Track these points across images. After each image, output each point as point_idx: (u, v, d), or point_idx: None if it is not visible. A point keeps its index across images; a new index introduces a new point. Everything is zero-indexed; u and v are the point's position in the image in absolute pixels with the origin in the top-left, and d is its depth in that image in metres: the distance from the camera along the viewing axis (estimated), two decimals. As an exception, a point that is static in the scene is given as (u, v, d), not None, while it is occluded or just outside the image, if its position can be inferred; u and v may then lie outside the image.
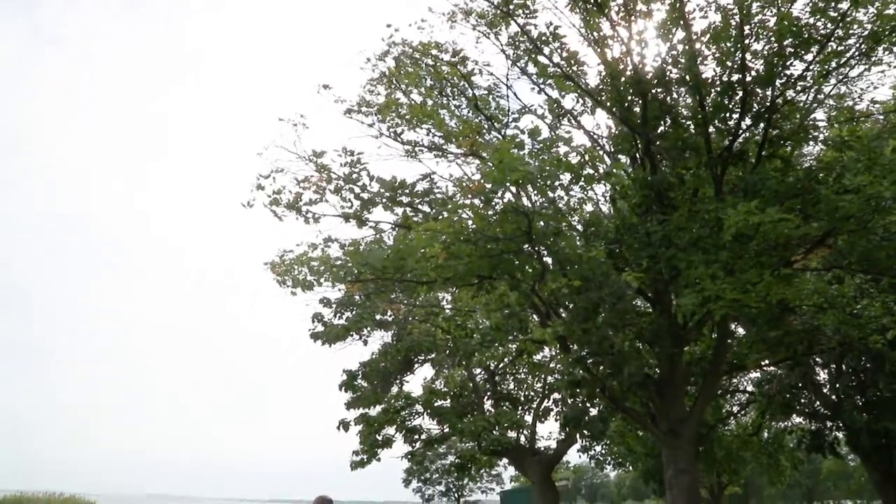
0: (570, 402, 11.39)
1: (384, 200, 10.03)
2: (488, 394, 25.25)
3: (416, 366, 24.28)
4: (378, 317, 20.18)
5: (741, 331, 16.79)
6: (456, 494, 37.82)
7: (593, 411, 12.66)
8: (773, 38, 9.70)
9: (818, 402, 20.97)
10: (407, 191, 9.86)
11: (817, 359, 18.20)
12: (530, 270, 9.03)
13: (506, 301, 9.85)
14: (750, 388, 24.43)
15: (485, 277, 9.22)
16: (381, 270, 9.35)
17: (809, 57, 9.90)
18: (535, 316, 11.05)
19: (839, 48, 9.82)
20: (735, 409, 25.99)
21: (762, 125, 10.11)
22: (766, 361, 15.28)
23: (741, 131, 10.16)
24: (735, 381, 23.22)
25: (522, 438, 26.45)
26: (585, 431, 11.97)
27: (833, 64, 10.07)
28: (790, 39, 9.58)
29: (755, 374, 21.94)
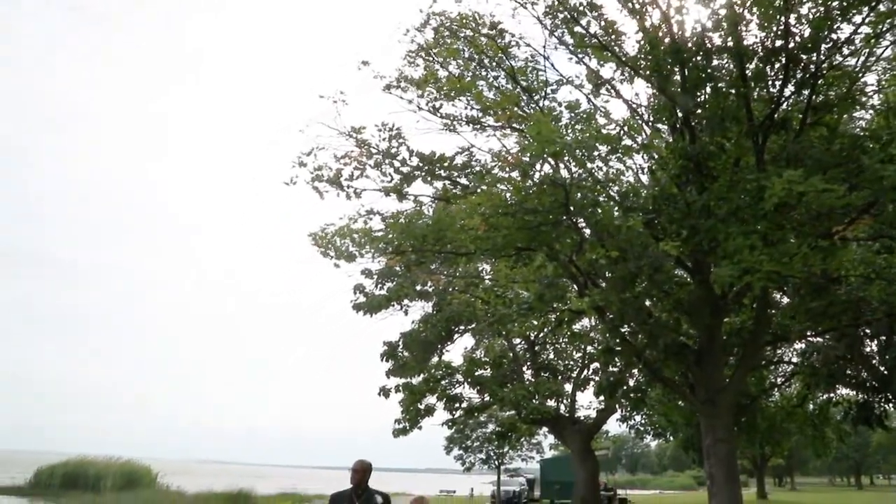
0: (606, 370, 11.47)
1: (423, 174, 10.18)
2: (528, 363, 25.55)
3: (457, 336, 24.64)
4: (418, 287, 20.51)
5: (785, 300, 16.59)
6: (496, 462, 38.29)
7: (631, 380, 12.77)
8: (819, 1, 9.43)
9: (866, 374, 20.61)
10: (446, 164, 9.98)
11: (866, 330, 17.85)
12: (568, 241, 9.10)
13: (544, 272, 9.94)
14: (795, 360, 24.12)
15: (523, 249, 9.33)
16: (421, 242, 9.54)
17: (859, 19, 9.59)
18: (573, 286, 11.14)
19: (894, 6, 9.47)
20: (779, 380, 25.71)
21: (806, 92, 9.89)
22: (810, 332, 15.10)
23: (784, 99, 9.95)
24: (780, 352, 22.93)
25: (562, 408, 26.74)
26: (623, 400, 12.05)
27: (886, 25, 9.74)
28: (838, 1, 9.31)
29: (800, 345, 21.66)
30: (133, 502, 28.88)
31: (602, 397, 13.48)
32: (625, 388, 11.56)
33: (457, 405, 23.70)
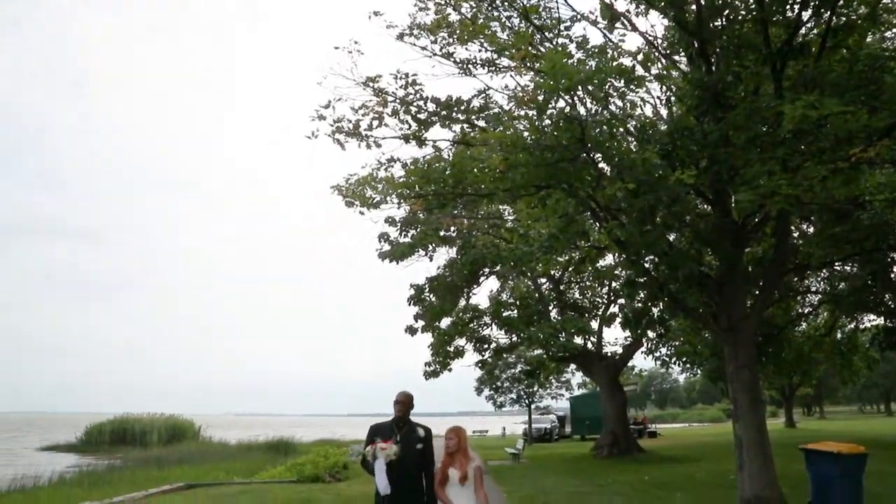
0: (630, 303, 11.72)
1: (441, 119, 10.30)
2: (554, 302, 25.96)
3: (482, 278, 25.10)
4: (442, 233, 20.81)
5: (806, 229, 16.59)
6: (527, 401, 39.16)
7: (655, 312, 13.01)
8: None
9: (892, 299, 20.61)
10: (463, 108, 10.08)
11: (892, 255, 17.79)
12: (587, 177, 9.23)
13: (564, 209, 10.07)
14: (821, 289, 24.15)
15: (542, 187, 9.48)
16: (441, 186, 9.74)
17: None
18: (595, 224, 11.30)
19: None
20: (806, 310, 25.77)
21: (826, 14, 9.73)
22: (833, 259, 15.15)
23: (802, 23, 9.81)
24: (806, 282, 22.94)
25: (589, 344, 27.23)
26: (647, 330, 12.32)
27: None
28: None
29: (826, 274, 21.67)
30: (181, 454, 30.19)
31: (628, 330, 13.79)
32: (649, 318, 11.78)
33: (486, 346, 24.27)
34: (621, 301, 22.74)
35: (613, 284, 24.04)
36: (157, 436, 44.09)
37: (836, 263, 17.87)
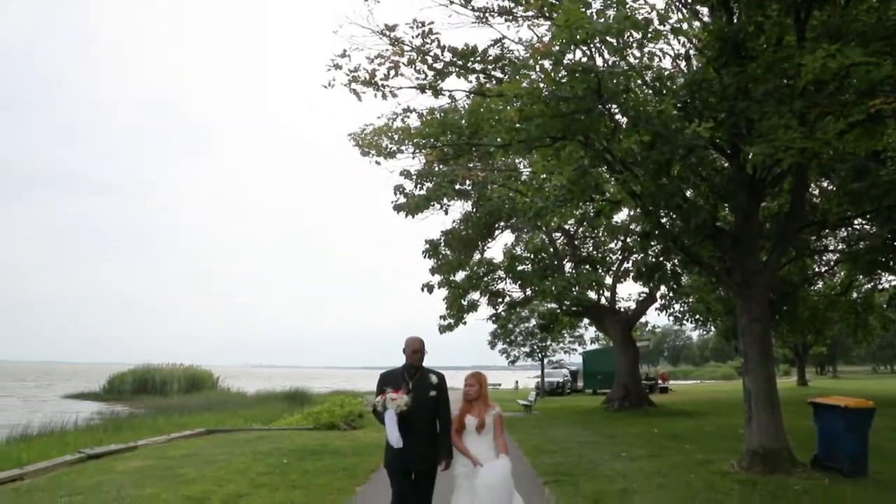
0: (643, 255, 11.73)
1: (457, 69, 10.21)
2: (568, 257, 26.00)
3: (497, 232, 25.18)
4: (457, 186, 20.79)
5: (830, 188, 16.39)
6: (540, 355, 39.57)
7: (668, 266, 13.00)
8: None
9: (910, 259, 20.40)
10: (479, 58, 9.97)
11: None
12: (602, 129, 9.17)
13: (578, 161, 10.02)
14: (839, 248, 23.95)
15: (558, 138, 9.44)
16: (457, 136, 9.72)
17: None
18: (610, 176, 11.25)
19: None
20: (823, 269, 25.63)
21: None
22: (850, 215, 14.99)
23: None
24: (824, 241, 22.75)
25: (602, 299, 27.35)
26: (661, 286, 12.35)
27: None
28: None
29: (844, 233, 21.47)
30: (200, 402, 30.94)
31: (641, 283, 13.78)
32: (662, 272, 11.80)
33: (499, 300, 24.46)
34: (635, 256, 22.75)
35: (628, 240, 23.97)
36: (177, 385, 45.21)
37: (855, 221, 17.65)
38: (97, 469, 10.99)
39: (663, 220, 10.54)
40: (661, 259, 11.62)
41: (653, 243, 10.85)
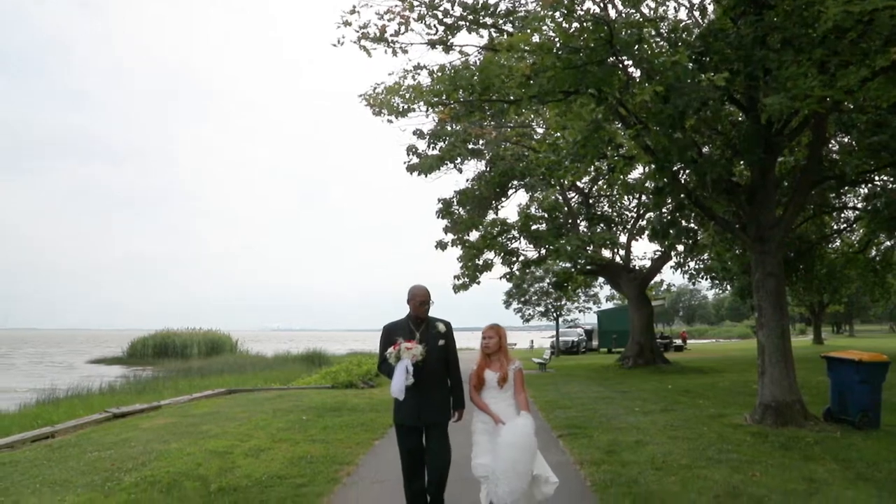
0: (658, 212, 11.66)
1: (468, 24, 10.05)
2: (582, 216, 25.91)
3: (511, 191, 25.09)
4: (470, 145, 20.68)
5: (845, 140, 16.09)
6: (555, 314, 39.76)
7: (683, 223, 12.93)
8: None
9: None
10: (490, 11, 9.81)
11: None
12: (615, 81, 9.03)
13: (591, 115, 9.90)
14: (859, 205, 23.66)
15: (570, 92, 9.33)
16: (468, 92, 9.62)
17: None
18: (623, 131, 11.12)
19: None
20: (841, 226, 25.36)
21: None
22: (870, 169, 14.76)
23: None
24: (844, 198, 22.47)
25: (617, 258, 27.33)
26: (676, 244, 12.29)
27: None
28: None
29: (864, 190, 21.19)
30: (220, 365, 31.51)
31: (655, 241, 13.72)
32: (677, 228, 11.73)
33: (514, 259, 24.50)
34: (650, 214, 22.61)
35: (643, 198, 23.81)
36: (197, 349, 46.14)
37: (875, 176, 17.39)
38: (123, 427, 11.31)
39: (678, 176, 10.45)
40: (676, 215, 11.53)
41: (668, 200, 10.75)
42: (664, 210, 11.49)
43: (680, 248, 21.59)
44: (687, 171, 10.38)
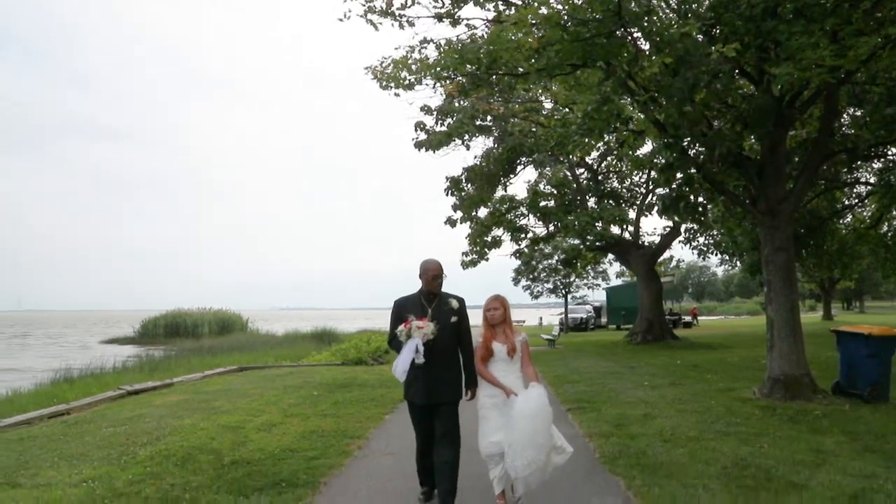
0: (667, 186, 11.59)
1: (474, -5, 9.94)
2: (591, 192, 25.81)
3: (519, 168, 24.99)
4: (478, 122, 20.55)
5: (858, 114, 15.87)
6: (563, 291, 39.74)
7: (692, 199, 12.81)
8: None
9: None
10: (497, -17, 9.70)
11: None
12: (624, 54, 8.94)
13: (599, 89, 9.80)
14: (872, 180, 23.39)
15: (578, 66, 9.25)
16: (476, 66, 9.54)
17: None
18: (632, 105, 11.03)
19: None
20: (853, 202, 25.10)
21: None
22: (883, 142, 14.55)
23: None
24: (856, 173, 22.22)
25: (626, 234, 27.26)
26: (686, 219, 12.20)
27: None
28: None
29: (878, 165, 20.93)
30: (232, 343, 31.76)
31: (665, 217, 13.54)
32: (686, 203, 11.66)
33: (522, 236, 24.47)
34: (659, 190, 22.46)
35: (652, 173, 23.64)
36: (208, 328, 46.55)
37: (888, 150, 17.15)
38: (137, 403, 11.46)
39: (687, 150, 10.36)
40: (685, 190, 11.45)
41: (677, 175, 10.68)
42: (673, 185, 11.39)
43: (689, 224, 21.49)
44: (696, 146, 10.28)
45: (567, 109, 15.70)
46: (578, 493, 5.47)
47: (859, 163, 20.08)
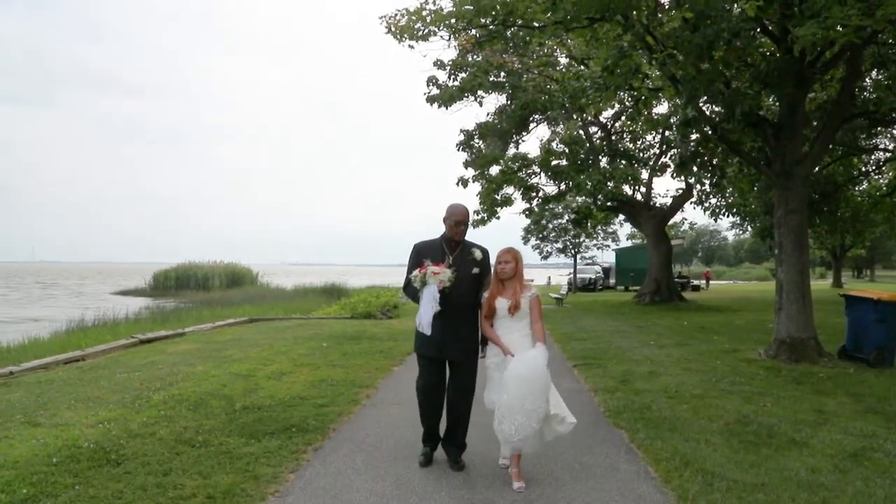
0: (683, 145, 11.47)
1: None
2: (604, 151, 25.56)
3: (532, 125, 24.73)
4: (491, 78, 20.27)
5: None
6: (573, 251, 39.68)
7: (708, 158, 12.71)
8: None
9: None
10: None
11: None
12: (643, 7, 8.75)
13: (618, 42, 9.61)
14: (890, 147, 23.05)
15: (596, 19, 9.07)
16: (492, 18, 9.38)
17: None
18: (650, 61, 10.84)
19: None
20: (871, 168, 24.78)
21: None
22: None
23: None
24: (875, 139, 21.87)
25: (638, 195, 27.08)
26: (699, 173, 12.06)
27: None
28: None
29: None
30: (242, 297, 32.08)
31: (680, 175, 13.45)
32: (701, 161, 11.54)
33: (533, 195, 24.35)
34: (674, 151, 22.21)
35: (666, 133, 23.34)
36: (219, 281, 47.02)
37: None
38: (150, 351, 11.67)
39: (703, 107, 10.21)
40: (700, 150, 11.33)
41: (692, 134, 10.55)
42: (689, 142, 11.27)
43: (703, 185, 21.28)
44: (713, 105, 10.13)
45: (583, 67, 15.45)
46: (581, 444, 5.57)
47: (879, 128, 19.76)
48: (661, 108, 18.97)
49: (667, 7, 8.92)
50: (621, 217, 31.18)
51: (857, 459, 5.24)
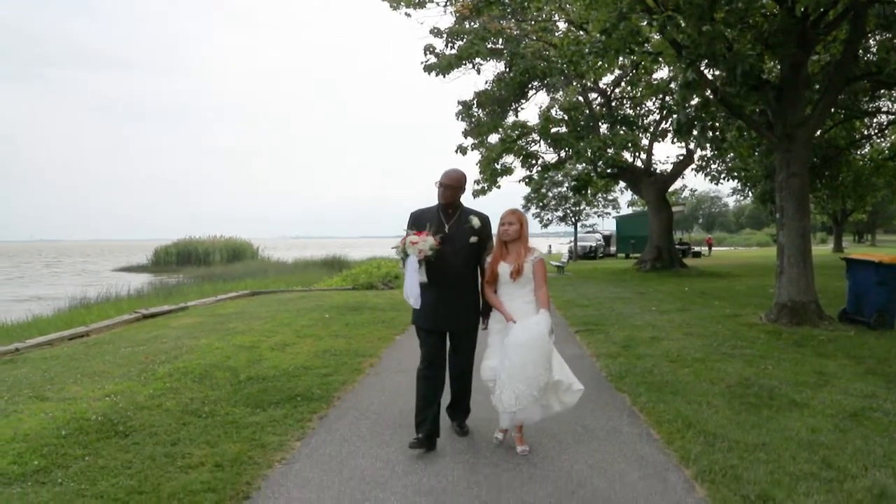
0: (684, 108, 11.34)
1: None
2: (604, 118, 25.37)
3: (531, 92, 24.49)
4: (489, 45, 20.01)
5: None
6: (573, 219, 39.61)
7: (709, 122, 12.59)
8: None
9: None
10: None
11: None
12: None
13: (619, 5, 9.45)
14: (893, 110, 22.81)
15: (595, -18, 8.93)
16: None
17: None
18: (650, 24, 10.69)
19: None
20: (873, 132, 24.58)
21: None
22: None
23: None
24: (878, 102, 21.65)
25: (638, 161, 26.95)
26: (700, 138, 11.97)
27: None
28: None
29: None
30: (243, 271, 32.12)
31: (680, 138, 13.35)
32: (702, 125, 11.44)
33: (533, 162, 24.23)
34: (673, 117, 22.00)
35: (666, 99, 23.13)
36: (219, 256, 47.10)
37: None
38: (153, 326, 11.72)
39: (704, 70, 10.09)
40: (702, 114, 11.23)
41: (694, 94, 10.43)
42: (690, 105, 11.15)
43: (704, 151, 21.16)
44: (714, 68, 10.01)
45: (582, 32, 15.23)
46: (583, 407, 5.62)
47: (881, 91, 19.55)
48: (662, 73, 18.80)
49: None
50: (622, 184, 31.07)
51: (856, 419, 5.29)
